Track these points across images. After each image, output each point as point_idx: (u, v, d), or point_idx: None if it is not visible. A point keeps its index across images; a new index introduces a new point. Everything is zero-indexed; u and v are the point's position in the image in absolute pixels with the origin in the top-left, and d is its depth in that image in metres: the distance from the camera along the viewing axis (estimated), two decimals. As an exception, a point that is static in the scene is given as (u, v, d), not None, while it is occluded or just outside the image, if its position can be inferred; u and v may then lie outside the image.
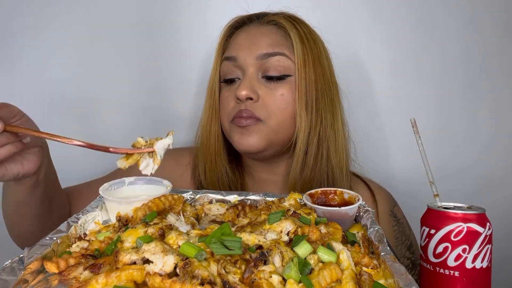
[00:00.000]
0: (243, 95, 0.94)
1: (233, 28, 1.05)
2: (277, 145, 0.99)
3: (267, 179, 1.08)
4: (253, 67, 0.97)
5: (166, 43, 1.30)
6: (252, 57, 0.96)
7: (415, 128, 0.79)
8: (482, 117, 1.32)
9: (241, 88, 0.94)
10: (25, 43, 1.26)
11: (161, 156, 0.73)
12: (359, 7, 1.29)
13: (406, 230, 1.07)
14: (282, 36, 0.99)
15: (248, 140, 0.95)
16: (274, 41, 0.98)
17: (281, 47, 0.97)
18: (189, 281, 0.44)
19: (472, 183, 1.33)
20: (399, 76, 1.32)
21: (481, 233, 0.69)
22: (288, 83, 0.97)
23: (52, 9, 1.26)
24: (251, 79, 0.96)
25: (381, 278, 0.53)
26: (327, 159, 0.99)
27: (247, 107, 0.95)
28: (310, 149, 0.98)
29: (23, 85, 1.28)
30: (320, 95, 0.98)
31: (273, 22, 1.01)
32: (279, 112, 0.95)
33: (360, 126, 1.29)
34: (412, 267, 1.03)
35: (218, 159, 1.05)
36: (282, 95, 0.96)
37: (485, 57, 1.30)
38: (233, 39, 1.03)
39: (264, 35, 0.99)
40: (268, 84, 0.97)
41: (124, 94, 1.31)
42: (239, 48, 0.99)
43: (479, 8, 1.29)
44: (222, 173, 1.05)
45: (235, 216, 0.71)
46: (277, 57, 0.96)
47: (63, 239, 0.60)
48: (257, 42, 0.98)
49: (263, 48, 0.96)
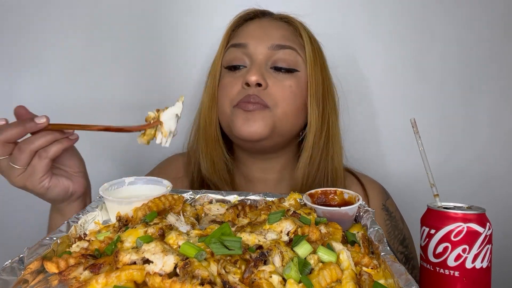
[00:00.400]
0: (254, 80, 0.93)
1: (243, 20, 1.06)
2: (279, 135, 0.98)
3: (258, 178, 1.08)
4: (263, 56, 0.98)
5: (166, 46, 1.30)
6: (264, 46, 0.97)
7: (415, 128, 0.79)
8: (482, 117, 1.32)
9: (251, 73, 0.94)
10: (25, 44, 1.27)
11: (170, 127, 0.72)
12: (359, 8, 1.29)
13: (399, 224, 1.07)
14: (292, 33, 1.02)
15: (252, 126, 0.94)
16: (286, 35, 1.00)
17: (292, 42, 0.99)
18: (189, 281, 0.44)
19: (472, 183, 1.33)
20: (399, 76, 1.32)
21: (481, 233, 0.69)
22: (296, 77, 0.98)
23: (52, 9, 1.26)
24: (260, 66, 0.97)
25: (381, 278, 0.53)
26: (332, 158, 1.02)
27: (254, 93, 0.94)
28: (316, 145, 0.99)
29: (23, 85, 1.28)
30: (326, 94, 1.01)
31: (285, 19, 1.04)
32: (285, 102, 0.96)
33: (360, 126, 1.29)
34: (405, 261, 1.03)
35: (217, 144, 1.04)
36: (290, 87, 0.97)
37: (484, 58, 1.30)
38: (244, 28, 1.04)
39: (277, 28, 1.01)
40: (276, 75, 0.97)
41: (124, 96, 1.31)
42: (250, 37, 1.00)
43: (478, 9, 1.29)
44: (221, 157, 1.05)
45: (235, 216, 0.71)
46: (288, 50, 0.98)
47: (63, 239, 0.60)
48: (270, 33, 0.99)
49: (276, 39, 0.98)
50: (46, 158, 0.73)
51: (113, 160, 1.30)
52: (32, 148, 0.71)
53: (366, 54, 1.31)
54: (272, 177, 1.07)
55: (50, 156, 0.73)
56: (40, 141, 0.72)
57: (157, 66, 1.31)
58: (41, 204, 1.34)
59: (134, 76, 1.31)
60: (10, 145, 0.72)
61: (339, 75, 1.10)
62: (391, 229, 1.04)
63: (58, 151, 0.74)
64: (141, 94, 1.32)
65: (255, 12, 1.06)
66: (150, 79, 1.32)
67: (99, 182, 0.75)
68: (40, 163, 0.73)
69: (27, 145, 0.71)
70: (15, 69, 1.28)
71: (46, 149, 0.73)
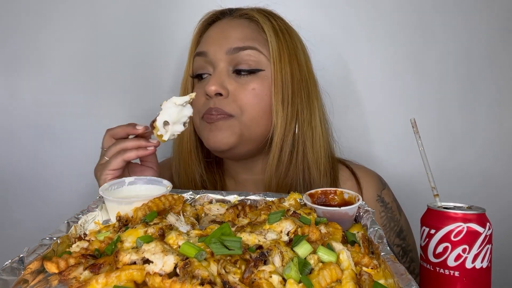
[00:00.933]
0: (212, 90, 0.91)
1: (206, 24, 1.03)
2: (250, 141, 0.96)
3: (247, 179, 1.06)
4: (224, 62, 0.94)
5: (166, 46, 1.30)
6: (222, 51, 0.94)
7: (415, 128, 0.79)
8: (482, 117, 1.32)
9: (209, 84, 0.92)
10: (25, 44, 1.27)
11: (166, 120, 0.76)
12: (360, 6, 1.29)
13: (396, 215, 1.04)
14: (254, 29, 0.97)
15: (217, 136, 0.92)
16: (245, 34, 0.95)
17: (252, 41, 0.95)
18: (189, 281, 0.44)
19: (472, 183, 1.33)
20: (399, 76, 1.32)
21: (481, 233, 0.69)
22: (260, 78, 0.94)
23: (52, 9, 1.26)
24: (221, 74, 0.94)
25: (381, 278, 0.53)
26: (303, 156, 0.97)
27: (216, 104, 0.92)
28: (285, 145, 0.95)
29: (23, 85, 1.28)
30: (296, 90, 0.96)
31: (245, 16, 0.99)
32: (250, 107, 0.93)
33: (360, 126, 1.29)
34: (403, 255, 1.00)
35: (191, 159, 1.03)
36: (254, 89, 0.93)
37: (485, 57, 1.30)
38: (206, 34, 1.01)
39: (234, 28, 0.97)
40: (238, 79, 0.94)
41: (124, 96, 1.31)
42: (209, 43, 0.97)
43: (478, 9, 1.29)
44: (195, 174, 1.03)
45: (235, 216, 0.71)
46: (247, 51, 0.94)
47: (63, 239, 0.60)
48: (227, 35, 0.95)
49: (233, 42, 0.94)
50: (120, 158, 0.82)
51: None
52: (118, 147, 0.83)
53: (366, 54, 1.31)
54: (261, 177, 1.04)
55: (123, 158, 0.82)
56: (126, 143, 0.83)
57: (157, 66, 1.31)
58: (41, 204, 1.34)
59: (134, 76, 1.31)
60: (113, 140, 0.87)
61: (340, 75, 1.10)
62: (386, 221, 1.01)
63: (132, 156, 0.83)
64: (141, 94, 1.32)
65: (215, 14, 1.03)
66: (150, 79, 1.32)
67: (99, 182, 0.76)
68: (115, 160, 0.83)
69: (117, 144, 0.84)
70: (15, 69, 1.28)
71: (125, 151, 0.83)
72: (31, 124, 1.28)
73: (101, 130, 1.30)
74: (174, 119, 0.77)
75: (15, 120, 1.27)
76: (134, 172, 0.90)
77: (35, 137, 1.29)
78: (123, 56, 1.30)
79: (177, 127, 0.78)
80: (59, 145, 1.30)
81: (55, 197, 1.31)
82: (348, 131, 1.19)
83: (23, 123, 1.27)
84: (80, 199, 1.31)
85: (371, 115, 1.33)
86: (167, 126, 0.77)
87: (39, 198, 1.31)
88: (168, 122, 0.77)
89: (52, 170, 1.31)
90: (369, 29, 1.30)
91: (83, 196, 1.30)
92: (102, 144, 0.89)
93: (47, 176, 1.32)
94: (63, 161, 1.30)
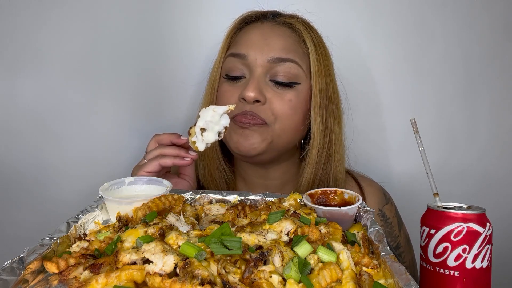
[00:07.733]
0: (252, 97, 0.90)
1: (244, 22, 1.01)
2: (277, 150, 0.96)
3: (259, 183, 1.06)
4: (262, 68, 0.93)
5: (166, 47, 1.30)
6: (263, 58, 0.93)
7: (415, 128, 0.79)
8: (482, 117, 1.33)
9: (249, 89, 0.90)
10: (25, 44, 1.26)
11: (202, 127, 0.78)
12: (360, 8, 1.29)
13: (395, 231, 1.05)
14: (295, 41, 0.97)
15: (248, 141, 0.92)
16: (288, 45, 0.95)
17: (294, 54, 0.94)
18: (189, 281, 0.44)
19: (472, 183, 1.33)
20: (400, 76, 1.32)
21: (481, 233, 0.69)
22: (296, 91, 0.94)
23: (52, 9, 1.26)
24: (259, 80, 0.93)
25: (381, 278, 0.53)
26: (333, 167, 1.00)
27: (252, 109, 0.91)
28: (322, 157, 0.97)
29: (23, 85, 1.28)
30: (329, 106, 0.98)
31: (288, 24, 0.98)
32: (285, 117, 0.93)
33: (360, 126, 1.29)
34: None
35: (215, 153, 1.04)
36: (290, 101, 0.93)
37: (485, 58, 1.30)
38: (244, 34, 0.99)
39: (278, 36, 0.96)
40: (275, 88, 0.94)
41: (124, 96, 1.31)
42: (250, 46, 0.95)
43: (479, 9, 1.29)
44: (217, 167, 1.04)
45: (235, 216, 0.71)
46: (288, 63, 0.93)
47: (63, 239, 0.60)
48: (269, 43, 0.94)
49: (277, 52, 0.93)
50: (156, 161, 0.87)
51: (113, 160, 1.30)
52: (157, 151, 0.88)
53: (366, 54, 1.31)
54: (274, 183, 1.05)
55: (160, 162, 0.86)
56: (166, 149, 0.88)
57: (157, 67, 1.31)
58: (41, 204, 1.34)
59: (134, 76, 1.31)
60: (157, 145, 0.92)
61: (340, 75, 1.10)
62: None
63: (167, 162, 0.87)
64: (141, 95, 1.32)
65: (256, 14, 1.01)
66: (150, 79, 1.31)
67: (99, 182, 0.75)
68: (151, 163, 0.87)
69: (158, 148, 0.89)
70: (15, 69, 1.28)
71: (163, 156, 0.87)
72: (31, 124, 1.28)
73: (101, 130, 1.31)
74: (211, 127, 0.77)
75: (15, 120, 1.27)
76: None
77: (35, 137, 1.29)
78: (124, 56, 1.29)
79: (212, 136, 0.78)
80: (59, 145, 1.30)
81: (55, 197, 1.31)
82: (347, 132, 1.19)
83: (23, 123, 1.27)
84: (80, 199, 1.31)
85: (371, 115, 1.33)
86: (204, 133, 0.77)
87: (39, 198, 1.31)
88: (205, 129, 0.77)
89: (52, 170, 1.31)
90: (370, 30, 1.30)
91: (83, 196, 1.30)
92: (147, 147, 0.93)
93: (47, 176, 1.31)
94: (63, 161, 1.30)
